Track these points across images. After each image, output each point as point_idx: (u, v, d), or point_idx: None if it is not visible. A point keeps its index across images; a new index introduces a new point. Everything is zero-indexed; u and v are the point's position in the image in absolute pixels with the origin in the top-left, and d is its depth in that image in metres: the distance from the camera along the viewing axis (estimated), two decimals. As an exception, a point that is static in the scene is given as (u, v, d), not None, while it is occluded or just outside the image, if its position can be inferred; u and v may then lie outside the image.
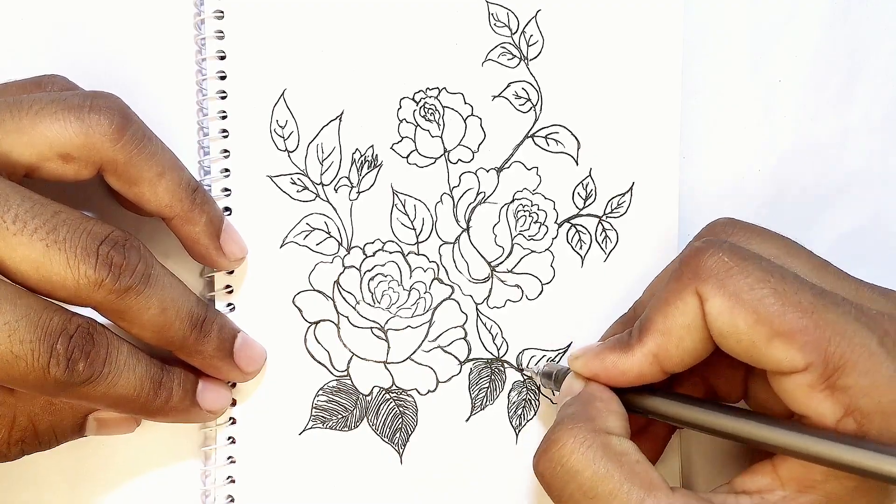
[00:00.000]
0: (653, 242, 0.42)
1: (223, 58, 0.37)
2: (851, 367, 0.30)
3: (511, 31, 0.40)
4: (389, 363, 0.40)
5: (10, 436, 0.33)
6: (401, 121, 0.39)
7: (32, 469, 0.37)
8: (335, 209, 0.39)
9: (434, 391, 0.40)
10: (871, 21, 0.44)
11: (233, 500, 0.38)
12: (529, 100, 0.41)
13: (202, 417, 0.36)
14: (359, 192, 0.39)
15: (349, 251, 0.39)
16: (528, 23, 0.40)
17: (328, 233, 0.39)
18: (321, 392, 0.39)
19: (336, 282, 0.39)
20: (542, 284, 0.41)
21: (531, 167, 0.41)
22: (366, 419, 0.39)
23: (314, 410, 0.39)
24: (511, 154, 0.41)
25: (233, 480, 0.38)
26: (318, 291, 0.39)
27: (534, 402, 0.41)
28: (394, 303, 0.39)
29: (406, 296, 0.40)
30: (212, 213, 0.36)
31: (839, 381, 0.30)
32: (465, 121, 0.40)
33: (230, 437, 0.38)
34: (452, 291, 0.40)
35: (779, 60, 0.43)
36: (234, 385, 0.38)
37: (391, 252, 0.39)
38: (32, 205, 0.30)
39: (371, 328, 0.39)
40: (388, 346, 0.40)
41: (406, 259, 0.40)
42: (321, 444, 0.39)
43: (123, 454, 0.38)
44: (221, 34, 0.37)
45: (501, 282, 0.41)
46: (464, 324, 0.40)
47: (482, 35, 0.40)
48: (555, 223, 0.41)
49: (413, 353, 0.40)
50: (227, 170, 0.38)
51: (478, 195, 0.40)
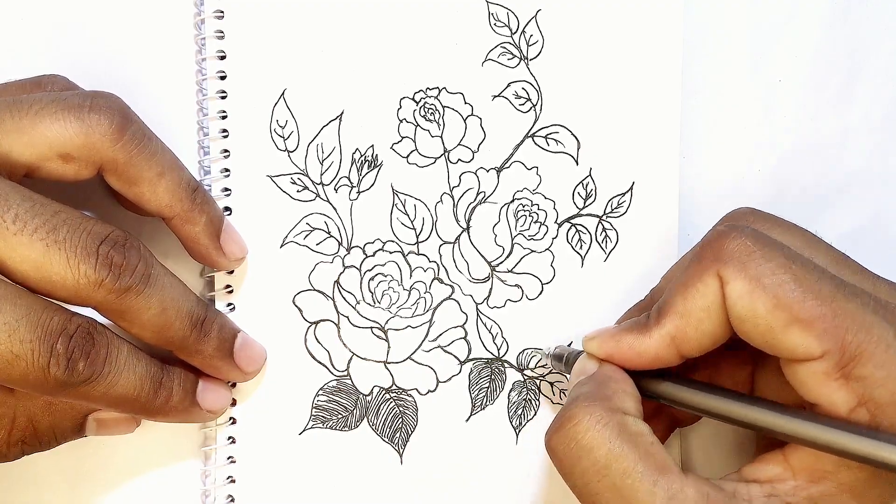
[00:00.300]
0: (653, 242, 0.42)
1: (223, 58, 0.37)
2: (868, 358, 0.30)
3: (511, 31, 0.40)
4: (389, 363, 0.40)
5: (10, 436, 0.33)
6: (401, 121, 0.39)
7: (32, 469, 0.37)
8: (335, 209, 0.39)
9: (434, 391, 0.40)
10: (871, 21, 0.44)
11: (233, 500, 0.38)
12: (529, 100, 0.41)
13: (202, 417, 0.36)
14: (359, 192, 0.39)
15: (349, 251, 0.39)
16: (528, 23, 0.40)
17: (328, 233, 0.39)
18: (321, 392, 0.39)
19: (336, 282, 0.39)
20: (543, 284, 0.41)
21: (531, 167, 0.41)
22: (366, 419, 0.39)
23: (314, 410, 0.39)
24: (511, 154, 0.41)
25: (233, 480, 0.38)
26: (319, 291, 0.39)
27: (534, 402, 0.41)
28: (394, 303, 0.39)
29: (406, 296, 0.40)
30: (212, 213, 0.36)
31: (854, 371, 0.30)
32: (465, 121, 0.40)
33: (230, 437, 0.38)
34: (452, 291, 0.40)
35: (779, 60, 0.43)
36: (235, 385, 0.38)
37: (391, 252, 0.39)
38: (33, 204, 0.30)
39: (371, 328, 0.39)
40: (389, 346, 0.40)
41: (406, 259, 0.40)
42: (321, 444, 0.39)
43: (123, 454, 0.38)
44: (221, 34, 0.37)
45: (501, 282, 0.41)
46: (464, 324, 0.40)
47: (482, 35, 0.40)
48: (555, 223, 0.41)
49: (413, 353, 0.40)
50: (227, 170, 0.38)
51: (478, 195, 0.40)
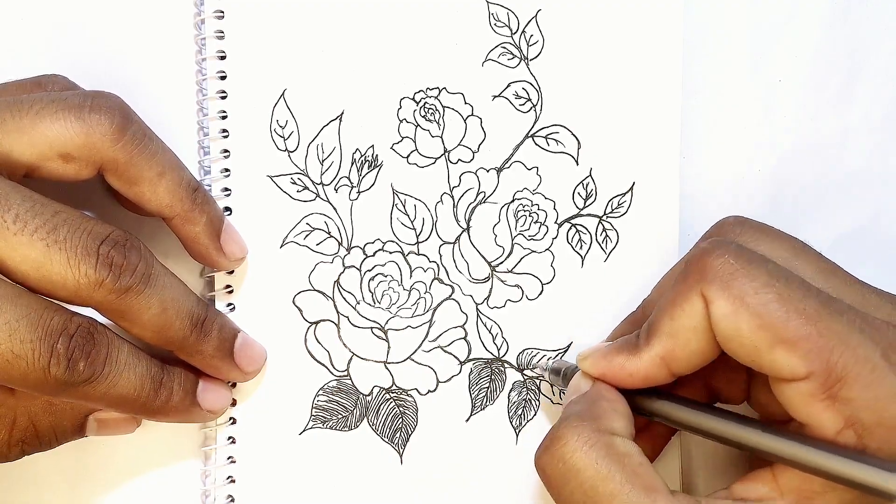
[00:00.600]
0: (653, 242, 0.42)
1: (223, 58, 0.37)
2: (854, 379, 0.30)
3: (511, 31, 0.40)
4: (389, 363, 0.40)
5: (11, 436, 0.33)
6: (401, 121, 0.39)
7: (32, 469, 0.37)
8: (335, 209, 0.39)
9: (434, 391, 0.40)
10: (871, 21, 0.44)
11: (233, 500, 0.38)
12: (529, 100, 0.41)
13: (202, 417, 0.36)
14: (359, 192, 0.39)
15: (349, 251, 0.39)
16: (529, 23, 0.40)
17: (328, 233, 0.39)
18: (321, 392, 0.39)
19: (336, 282, 0.39)
20: (543, 284, 0.41)
21: (531, 167, 0.41)
22: (366, 419, 0.39)
23: (314, 410, 0.39)
24: (511, 154, 0.41)
25: (233, 480, 0.38)
26: (319, 291, 0.39)
27: (534, 402, 0.41)
28: (394, 303, 0.39)
29: (406, 296, 0.40)
30: (212, 213, 0.36)
31: (841, 393, 0.30)
32: (466, 121, 0.40)
33: (230, 437, 0.38)
34: (452, 291, 0.40)
35: (779, 60, 0.43)
36: (235, 385, 0.38)
37: (391, 252, 0.39)
38: (33, 204, 0.30)
39: (371, 328, 0.39)
40: (389, 346, 0.40)
41: (406, 259, 0.40)
42: (321, 444, 0.39)
43: (123, 454, 0.38)
44: (221, 34, 0.37)
45: (501, 282, 0.41)
46: (464, 324, 0.40)
47: (482, 35, 0.40)
48: (555, 223, 0.41)
49: (413, 353, 0.40)
50: (228, 170, 0.38)
51: (478, 195, 0.40)
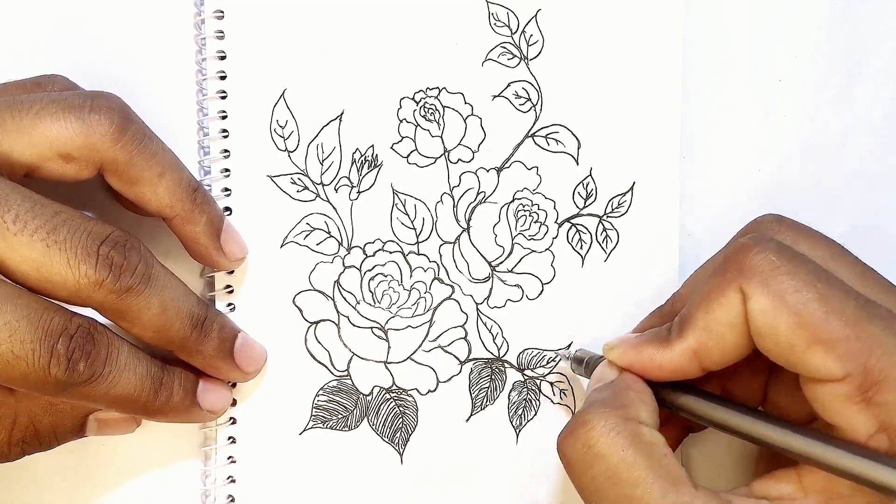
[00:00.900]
0: (653, 242, 0.42)
1: (223, 58, 0.37)
2: (892, 384, 0.30)
3: (511, 31, 0.40)
4: (390, 363, 0.40)
5: (11, 436, 0.33)
6: (401, 121, 0.39)
7: (32, 469, 0.37)
8: (335, 209, 0.39)
9: (434, 391, 0.40)
10: (871, 21, 0.44)
11: (233, 500, 0.38)
12: (529, 99, 0.41)
13: (202, 417, 0.36)
14: (359, 192, 0.39)
15: (349, 251, 0.39)
16: (528, 22, 0.40)
17: (328, 233, 0.39)
18: (321, 392, 0.39)
19: (336, 282, 0.39)
20: (543, 284, 0.41)
21: (531, 167, 0.41)
22: (366, 419, 0.39)
23: (314, 410, 0.39)
24: (511, 154, 0.41)
25: (233, 480, 0.38)
26: (319, 291, 0.39)
27: (534, 402, 0.41)
28: (394, 303, 0.39)
29: (406, 295, 0.40)
30: (212, 213, 0.36)
31: (876, 396, 0.30)
32: (466, 120, 0.40)
33: (230, 437, 0.38)
34: (453, 291, 0.40)
35: (779, 60, 0.43)
36: (235, 385, 0.38)
37: (391, 252, 0.39)
38: (33, 205, 0.30)
39: (371, 328, 0.39)
40: (389, 346, 0.40)
41: (406, 259, 0.40)
42: (321, 444, 0.39)
43: (123, 454, 0.38)
44: (221, 34, 0.37)
45: (502, 281, 0.41)
46: (464, 323, 0.40)
47: (482, 35, 0.40)
48: (555, 223, 0.41)
49: (413, 353, 0.40)
50: (228, 170, 0.38)
51: (478, 195, 0.40)
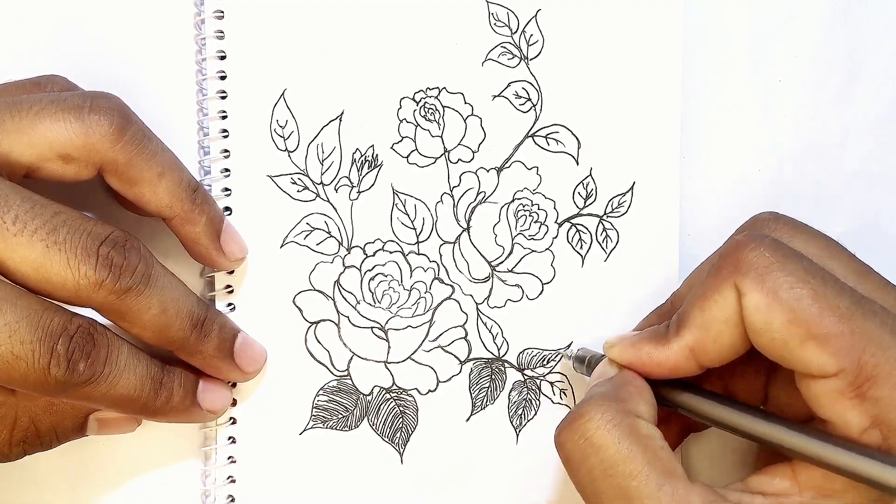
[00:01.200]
0: (653, 242, 0.42)
1: (223, 58, 0.37)
2: (884, 379, 0.30)
3: (511, 31, 0.40)
4: (390, 363, 0.40)
5: (12, 436, 0.33)
6: (401, 120, 0.39)
7: (33, 469, 0.37)
8: (335, 209, 0.39)
9: (434, 391, 0.40)
10: (871, 21, 0.44)
11: (233, 500, 0.38)
12: (529, 99, 0.41)
13: (203, 417, 0.36)
14: (359, 192, 0.39)
15: (349, 251, 0.39)
16: (529, 22, 0.40)
17: (328, 232, 0.39)
18: (321, 392, 0.39)
19: (336, 281, 0.39)
20: (543, 284, 0.41)
21: (531, 167, 0.41)
22: (366, 419, 0.39)
23: (314, 410, 0.39)
24: (511, 154, 0.41)
25: (233, 480, 0.38)
26: (319, 291, 0.39)
27: (534, 402, 0.41)
28: (394, 302, 0.40)
29: (406, 295, 0.40)
30: (212, 213, 0.36)
31: (869, 392, 0.30)
32: (466, 120, 0.40)
33: (230, 437, 0.38)
34: (453, 291, 0.40)
35: (779, 60, 0.43)
36: (235, 385, 0.38)
37: (391, 252, 0.39)
38: (32, 205, 0.30)
39: (371, 328, 0.39)
40: (389, 346, 0.40)
41: (406, 259, 0.40)
42: (321, 444, 0.39)
43: (123, 454, 0.38)
44: (221, 34, 0.37)
45: (502, 281, 0.41)
46: (464, 323, 0.40)
47: (482, 35, 0.40)
48: (555, 223, 0.41)
49: (413, 353, 0.40)
50: (228, 170, 0.38)
51: (478, 195, 0.40)
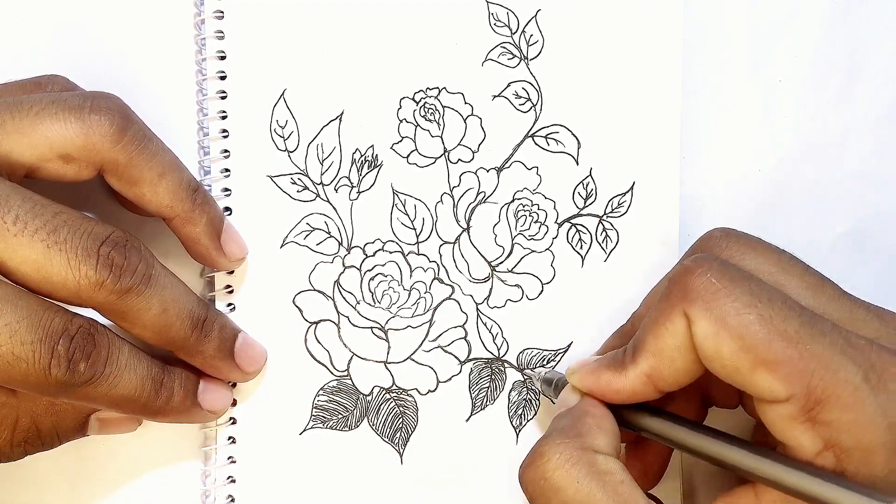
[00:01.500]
0: (653, 242, 0.42)
1: (223, 58, 0.37)
2: (834, 402, 0.30)
3: (511, 31, 0.40)
4: (390, 363, 0.40)
5: (13, 437, 0.33)
6: (401, 121, 0.39)
7: (33, 469, 0.37)
8: (335, 209, 0.39)
9: (434, 391, 0.40)
10: (871, 21, 0.44)
11: (233, 500, 0.38)
12: (529, 99, 0.41)
13: (203, 417, 0.36)
14: (359, 192, 0.39)
15: (349, 251, 0.39)
16: (528, 22, 0.40)
17: (328, 233, 0.39)
18: (321, 392, 0.39)
19: (336, 282, 0.39)
20: (543, 284, 0.41)
21: (531, 167, 0.41)
22: (366, 419, 0.40)
23: (314, 410, 0.39)
24: (511, 154, 0.41)
25: (233, 480, 0.38)
26: (319, 291, 0.39)
27: (534, 402, 0.41)
28: (394, 303, 0.40)
29: (406, 296, 0.40)
30: (212, 214, 0.36)
31: (820, 415, 0.30)
32: (466, 120, 0.40)
33: (230, 437, 0.38)
34: (453, 291, 0.40)
35: (779, 60, 0.43)
36: (235, 385, 0.38)
37: (391, 252, 0.39)
38: (33, 206, 0.30)
39: (371, 328, 0.39)
40: (389, 346, 0.40)
41: (406, 259, 0.40)
42: (321, 444, 0.39)
43: (124, 454, 0.38)
44: (221, 34, 0.37)
45: (502, 281, 0.41)
46: (464, 323, 0.40)
47: (482, 35, 0.40)
48: (555, 223, 0.41)
49: (413, 353, 0.40)
50: (228, 170, 0.38)
51: (478, 195, 0.40)
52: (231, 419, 0.38)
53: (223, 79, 0.37)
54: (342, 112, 0.39)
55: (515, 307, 0.41)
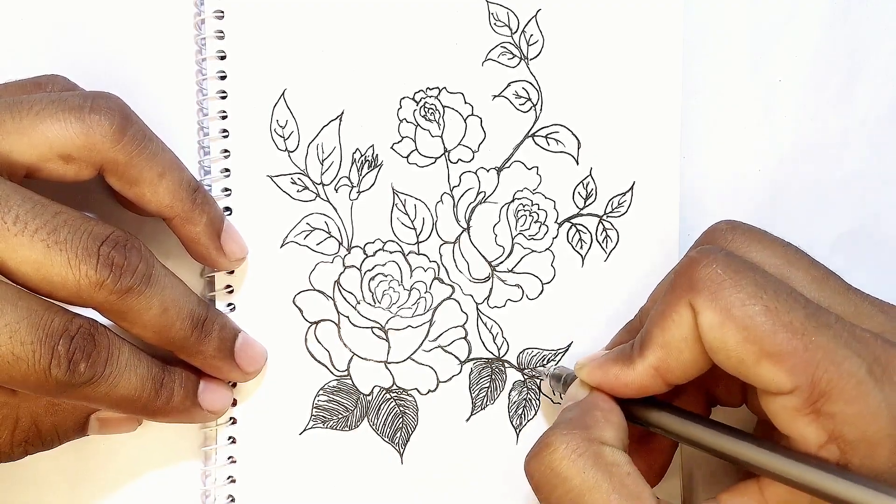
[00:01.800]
0: (653, 242, 0.42)
1: (223, 58, 0.37)
2: (838, 395, 0.30)
3: (511, 31, 0.40)
4: (390, 363, 0.40)
5: (14, 437, 0.33)
6: (401, 120, 0.39)
7: (33, 469, 0.37)
8: (335, 209, 0.39)
9: (434, 391, 0.40)
10: (871, 21, 0.44)
11: (233, 500, 0.38)
12: (529, 99, 0.41)
13: (203, 417, 0.36)
14: (359, 192, 0.39)
15: (349, 251, 0.39)
16: (529, 22, 0.40)
17: (328, 232, 0.39)
18: (322, 392, 0.39)
19: (336, 281, 0.39)
20: (543, 284, 0.41)
21: (531, 167, 0.41)
22: (366, 419, 0.40)
23: (315, 410, 0.39)
24: (511, 154, 0.41)
25: (233, 480, 0.38)
26: (319, 291, 0.39)
27: (534, 402, 0.41)
28: (394, 302, 0.40)
29: (406, 295, 0.40)
30: (212, 213, 0.36)
31: (824, 408, 0.30)
32: (466, 120, 0.40)
33: (231, 437, 0.38)
34: (453, 291, 0.40)
35: (779, 60, 0.43)
36: (235, 385, 0.38)
37: (391, 252, 0.39)
38: (33, 206, 0.30)
39: (371, 328, 0.39)
40: (389, 346, 0.40)
41: (406, 259, 0.40)
42: (322, 444, 0.39)
43: (124, 454, 0.38)
44: (221, 34, 0.37)
45: (502, 281, 0.41)
46: (464, 323, 0.40)
47: (482, 35, 0.40)
48: (555, 223, 0.41)
49: (413, 353, 0.40)
50: (228, 170, 0.38)
51: (478, 195, 0.40)
52: (231, 419, 0.38)
53: (223, 79, 0.37)
54: (342, 112, 0.39)
55: (515, 307, 0.41)
